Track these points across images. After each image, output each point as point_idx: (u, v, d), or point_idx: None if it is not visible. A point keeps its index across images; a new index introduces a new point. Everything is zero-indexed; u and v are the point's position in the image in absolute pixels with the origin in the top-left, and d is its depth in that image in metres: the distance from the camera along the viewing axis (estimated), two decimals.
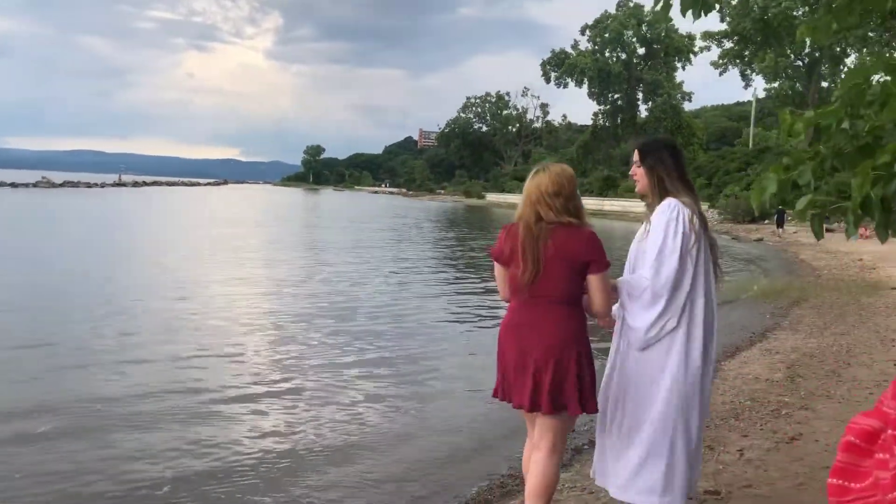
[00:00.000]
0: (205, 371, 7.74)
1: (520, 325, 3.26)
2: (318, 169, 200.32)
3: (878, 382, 6.69)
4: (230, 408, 6.54)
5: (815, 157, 2.26)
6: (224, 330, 9.89)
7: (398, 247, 25.41)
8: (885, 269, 17.78)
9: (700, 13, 3.10)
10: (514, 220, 3.30)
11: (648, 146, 3.45)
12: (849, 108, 2.25)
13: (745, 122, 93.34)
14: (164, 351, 8.49)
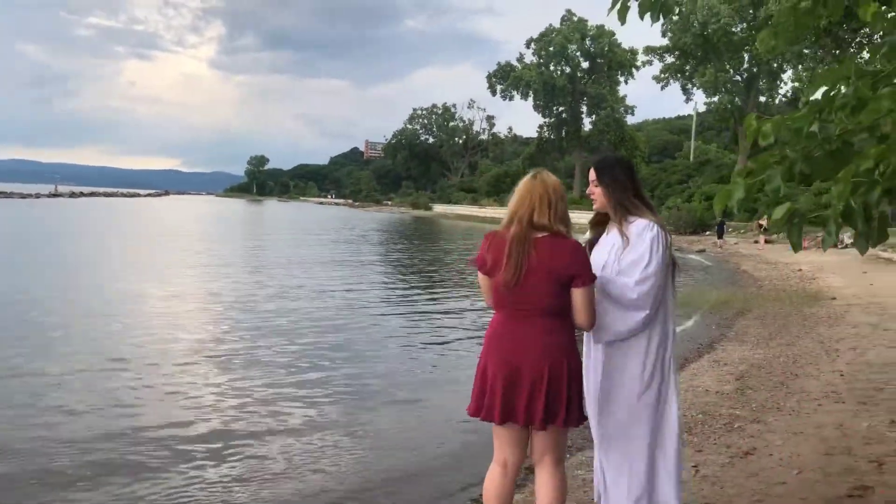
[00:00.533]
0: (137, 403, 7.07)
1: (507, 339, 3.16)
2: (261, 180, 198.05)
3: (825, 394, 6.70)
4: (171, 440, 6.20)
5: (781, 161, 2.16)
6: (160, 352, 9.39)
7: (345, 259, 25.04)
8: (824, 280, 18.16)
9: (658, 16, 3.00)
10: (502, 227, 3.20)
11: (603, 165, 3.49)
12: (817, 112, 2.16)
13: (686, 136, 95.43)
14: (90, 373, 8.07)
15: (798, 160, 2.11)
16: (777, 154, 2.19)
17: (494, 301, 3.22)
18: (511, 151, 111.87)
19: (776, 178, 2.12)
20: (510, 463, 3.27)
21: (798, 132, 2.07)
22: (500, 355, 3.15)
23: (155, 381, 7.83)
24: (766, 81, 53.56)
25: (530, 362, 3.09)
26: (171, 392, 7.39)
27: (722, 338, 10.54)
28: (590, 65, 76.68)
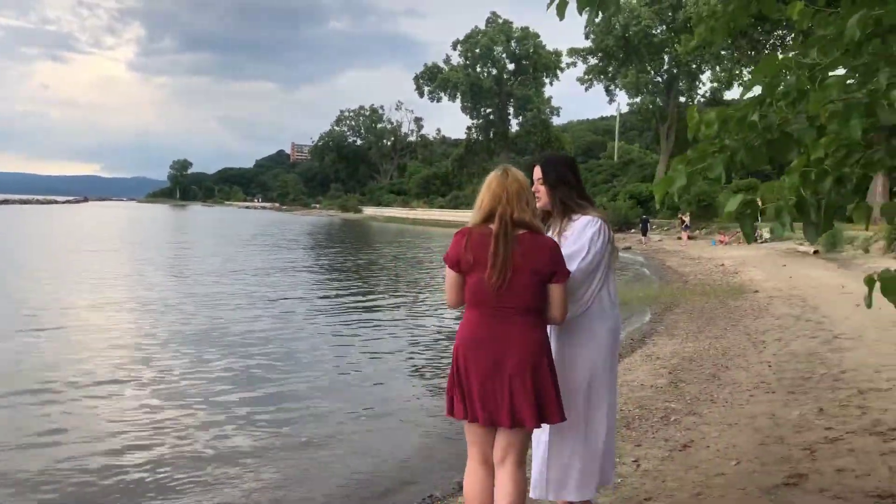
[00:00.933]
0: (62, 429, 6.65)
1: (487, 339, 3.09)
2: (185, 184, 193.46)
3: (756, 384, 6.86)
4: (101, 471, 5.91)
5: (722, 150, 2.17)
6: (84, 372, 8.95)
7: (274, 266, 24.57)
8: (746, 273, 18.76)
9: (597, 13, 2.99)
10: (475, 223, 3.15)
11: (549, 163, 3.61)
12: (758, 103, 2.17)
13: (610, 136, 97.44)
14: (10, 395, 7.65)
15: (739, 149, 2.12)
16: (717, 143, 2.19)
17: (471, 300, 3.14)
18: (440, 153, 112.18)
19: (718, 167, 2.13)
20: (490, 461, 3.22)
21: (741, 121, 2.08)
22: (481, 354, 3.08)
23: (79, 403, 7.39)
24: (685, 82, 55.09)
25: (514, 361, 3.05)
26: (97, 417, 7.00)
27: (653, 332, 10.74)
28: (515, 66, 77.55)
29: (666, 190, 2.09)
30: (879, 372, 6.95)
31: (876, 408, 5.70)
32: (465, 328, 3.17)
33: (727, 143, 2.11)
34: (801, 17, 2.98)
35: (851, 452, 4.67)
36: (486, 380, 3.06)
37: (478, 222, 3.14)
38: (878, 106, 1.79)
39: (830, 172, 1.74)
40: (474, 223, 3.16)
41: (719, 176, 2.05)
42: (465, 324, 3.18)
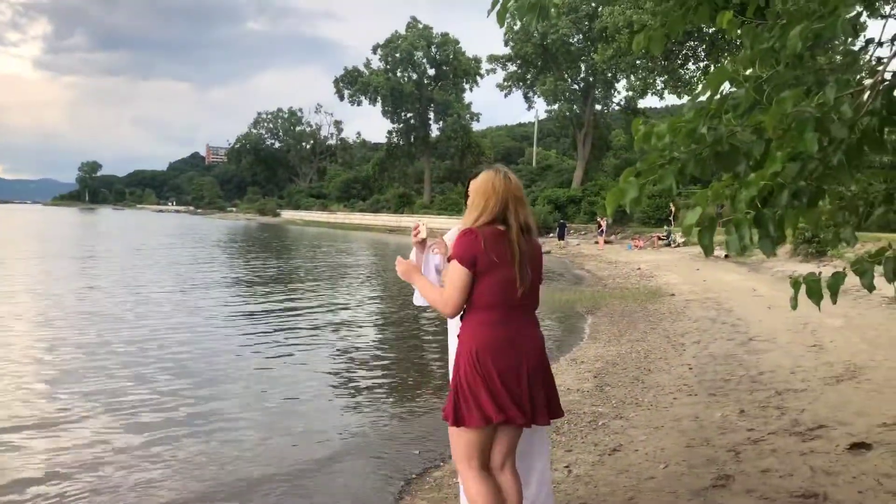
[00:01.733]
0: None
1: (512, 339, 3.10)
2: (94, 187, 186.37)
3: (678, 387, 7.03)
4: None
5: (671, 162, 2.18)
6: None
7: (185, 271, 23.85)
8: (662, 277, 19.29)
9: (538, 18, 2.98)
10: (481, 224, 3.11)
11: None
12: (706, 115, 2.19)
13: (528, 142, 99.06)
14: None
15: (689, 161, 2.13)
16: (666, 155, 2.20)
17: (492, 301, 3.09)
18: (360, 157, 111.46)
19: (668, 178, 2.13)
20: (488, 467, 3.22)
21: (690, 133, 2.08)
22: (509, 354, 3.07)
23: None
24: (601, 90, 56.34)
25: (533, 360, 3.13)
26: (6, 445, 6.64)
27: (576, 337, 10.90)
28: (436, 72, 77.71)
29: (618, 202, 2.07)
30: (794, 373, 7.21)
31: (793, 408, 5.91)
32: (484, 330, 3.08)
33: (676, 155, 2.12)
34: (730, 27, 3.04)
35: (774, 453, 4.81)
36: (512, 379, 3.06)
37: (486, 223, 3.12)
38: (828, 120, 1.82)
39: (787, 185, 1.76)
40: (479, 224, 3.12)
41: (670, 187, 2.05)
42: (482, 326, 3.09)
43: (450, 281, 3.12)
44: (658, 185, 2.14)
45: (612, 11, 39.64)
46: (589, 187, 50.98)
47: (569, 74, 56.09)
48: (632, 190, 2.03)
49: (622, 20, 38.04)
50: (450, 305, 3.14)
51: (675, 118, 2.14)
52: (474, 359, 3.06)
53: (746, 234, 1.74)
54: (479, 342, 3.07)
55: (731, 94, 2.10)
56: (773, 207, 1.79)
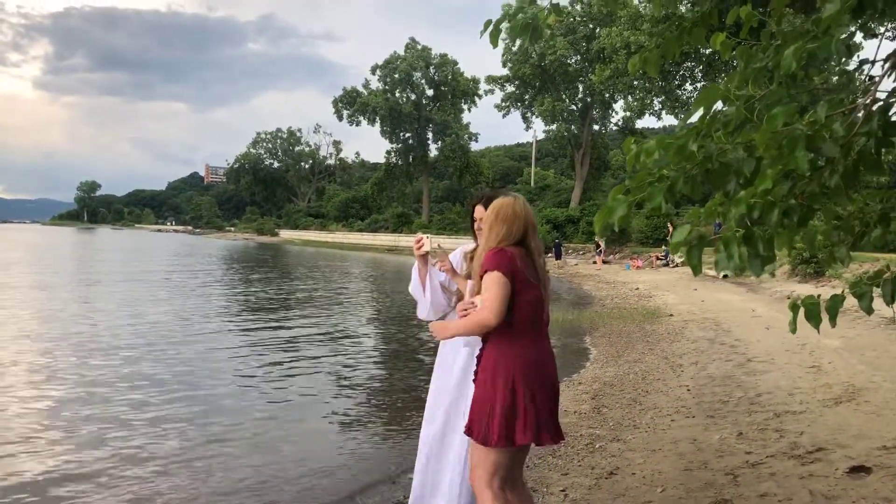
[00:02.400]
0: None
1: (543, 358, 3.27)
2: (93, 207, 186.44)
3: (676, 409, 6.96)
4: None
5: (660, 180, 2.15)
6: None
7: (186, 293, 23.80)
8: (660, 297, 19.23)
9: (531, 40, 2.97)
10: (505, 244, 3.23)
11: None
12: (696, 133, 2.16)
13: (526, 162, 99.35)
14: None
15: (679, 179, 2.10)
16: (656, 173, 2.17)
17: (528, 320, 3.20)
18: (359, 176, 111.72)
19: (657, 196, 2.10)
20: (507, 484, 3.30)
21: (680, 151, 2.06)
22: (542, 376, 3.21)
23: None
24: (599, 111, 56.63)
25: (556, 378, 3.35)
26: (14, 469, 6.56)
27: (573, 358, 10.82)
28: (434, 92, 78.08)
29: (606, 220, 2.04)
30: (792, 395, 7.15)
31: (792, 430, 5.85)
32: (521, 351, 3.18)
33: (665, 172, 2.09)
34: (723, 48, 3.03)
35: (773, 477, 4.74)
36: (547, 398, 3.23)
37: (511, 243, 3.25)
38: (820, 138, 1.80)
39: (778, 204, 1.73)
40: (504, 244, 3.23)
41: (659, 205, 2.02)
42: (519, 346, 3.18)
43: (491, 292, 3.14)
44: (647, 204, 2.11)
45: (610, 33, 39.96)
46: (587, 207, 51.03)
47: (567, 95, 56.38)
48: (620, 208, 2.00)
49: (619, 41, 38.36)
50: (494, 312, 3.12)
51: (665, 136, 2.11)
52: (513, 380, 3.13)
53: (735, 252, 1.70)
54: (519, 364, 3.16)
55: (722, 113, 2.08)
56: (764, 226, 1.75)
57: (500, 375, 3.14)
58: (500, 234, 3.24)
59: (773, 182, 1.70)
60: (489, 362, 3.19)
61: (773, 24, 3.23)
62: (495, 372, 3.16)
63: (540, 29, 2.97)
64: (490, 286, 3.13)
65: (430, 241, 3.78)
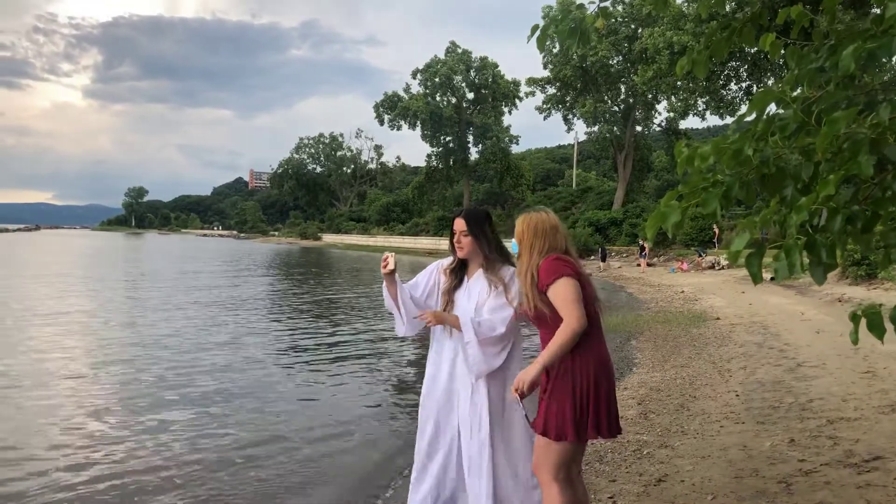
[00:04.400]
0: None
1: (609, 356, 3.43)
2: (141, 212, 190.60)
3: (725, 415, 6.83)
4: None
5: (715, 185, 2.11)
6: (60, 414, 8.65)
7: (231, 298, 24.14)
8: (706, 300, 18.94)
9: (579, 44, 2.94)
10: (560, 251, 3.41)
11: (475, 217, 3.89)
12: (751, 137, 2.12)
13: (567, 164, 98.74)
14: None
15: (734, 184, 2.05)
16: (709, 178, 2.13)
17: (594, 318, 3.35)
18: (400, 180, 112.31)
19: (712, 202, 2.06)
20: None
21: (735, 155, 2.01)
22: (610, 369, 3.38)
23: (53, 448, 7.12)
24: (641, 112, 56.02)
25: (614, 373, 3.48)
26: (73, 460, 6.74)
27: (619, 361, 10.70)
28: (475, 95, 78.06)
29: (659, 225, 2.01)
30: (846, 401, 6.97)
31: (846, 438, 5.70)
32: (595, 349, 3.34)
33: (720, 177, 2.05)
34: (773, 49, 2.97)
35: (828, 486, 4.63)
36: (613, 392, 3.39)
37: (562, 252, 3.42)
38: (883, 141, 1.74)
39: (841, 211, 1.68)
40: (556, 251, 3.40)
41: (714, 211, 1.99)
42: (593, 345, 3.32)
43: (568, 298, 3.24)
44: (702, 209, 2.07)
45: (653, 33, 39.47)
46: (630, 209, 50.51)
47: (608, 96, 55.93)
48: (674, 214, 1.97)
49: (662, 41, 37.88)
50: (578, 318, 3.23)
51: (719, 139, 2.07)
52: (593, 378, 3.26)
53: (797, 260, 1.66)
54: (595, 362, 3.30)
55: (778, 116, 2.03)
56: (826, 233, 1.71)
57: (579, 373, 3.26)
58: (542, 248, 3.39)
59: (835, 187, 1.66)
60: (566, 361, 3.27)
61: (826, 23, 3.16)
62: (574, 370, 3.27)
63: (587, 33, 2.94)
64: (563, 293, 3.24)
65: (394, 259, 3.85)
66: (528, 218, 3.47)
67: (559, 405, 3.26)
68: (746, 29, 2.97)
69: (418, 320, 3.93)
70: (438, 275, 4.05)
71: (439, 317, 3.82)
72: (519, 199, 76.20)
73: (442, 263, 4.08)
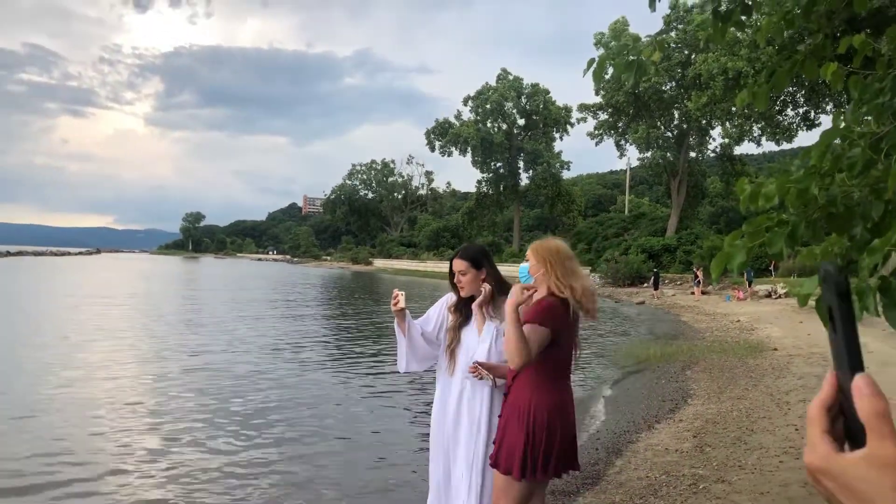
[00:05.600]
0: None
1: (570, 403, 3.49)
2: (197, 236, 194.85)
3: (784, 449, 6.65)
4: None
5: (780, 224, 2.08)
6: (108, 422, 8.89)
7: (287, 321, 24.46)
8: (763, 330, 18.50)
9: (634, 76, 2.95)
10: (563, 297, 3.36)
11: (478, 254, 3.97)
12: (818, 175, 2.09)
13: (619, 190, 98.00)
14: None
15: (800, 224, 2.03)
16: (774, 217, 2.11)
17: (560, 363, 3.44)
18: (450, 206, 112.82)
19: (778, 242, 2.04)
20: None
21: (802, 194, 1.99)
22: (567, 413, 3.45)
23: (108, 456, 7.30)
24: (695, 137, 55.39)
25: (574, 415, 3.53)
26: (121, 467, 6.90)
27: (674, 392, 10.51)
28: (526, 121, 78.29)
29: (724, 267, 2.00)
30: None
31: None
32: (555, 394, 3.41)
33: (785, 217, 2.02)
34: (835, 79, 2.94)
35: None
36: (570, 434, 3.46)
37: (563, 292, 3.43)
38: None
39: None
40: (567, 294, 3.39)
41: (780, 251, 1.96)
42: (553, 390, 3.41)
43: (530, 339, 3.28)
44: (767, 249, 2.05)
45: (706, 59, 39.08)
46: (684, 236, 49.77)
47: (661, 122, 55.49)
48: (739, 255, 1.95)
49: (716, 67, 37.47)
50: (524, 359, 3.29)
51: (783, 178, 2.05)
52: (548, 421, 3.36)
53: (871, 303, 1.63)
54: (555, 405, 3.41)
55: (845, 153, 2.00)
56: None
57: (535, 418, 3.33)
58: (572, 276, 3.43)
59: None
60: (524, 402, 3.35)
61: (890, 51, 3.11)
62: (530, 414, 3.33)
63: (645, 66, 2.95)
64: (529, 336, 3.27)
65: (403, 298, 3.91)
66: (561, 242, 3.58)
67: (511, 444, 3.35)
68: (808, 61, 2.94)
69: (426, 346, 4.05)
70: (445, 310, 4.09)
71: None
72: (570, 225, 75.81)
73: (449, 299, 4.11)
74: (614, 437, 7.91)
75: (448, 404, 3.89)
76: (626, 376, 12.64)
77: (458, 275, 3.90)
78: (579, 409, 9.51)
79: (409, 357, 4.02)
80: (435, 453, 3.95)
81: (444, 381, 3.97)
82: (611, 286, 44.10)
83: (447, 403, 3.90)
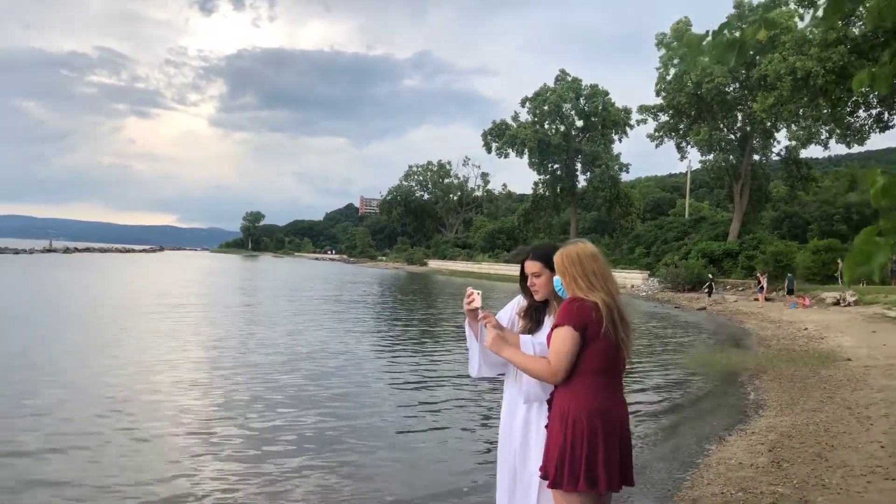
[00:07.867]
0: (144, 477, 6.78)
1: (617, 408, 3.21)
2: (257, 235, 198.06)
3: (871, 468, 6.23)
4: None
5: None
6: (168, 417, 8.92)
7: (348, 316, 24.52)
8: (833, 339, 17.75)
9: (737, 59, 2.68)
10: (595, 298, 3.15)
11: (547, 254, 3.51)
12: None
13: (678, 193, 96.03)
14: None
15: None
16: None
17: (603, 370, 3.15)
18: (505, 208, 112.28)
19: None
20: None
21: None
22: (613, 421, 3.15)
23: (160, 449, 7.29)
24: (759, 140, 53.80)
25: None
26: (177, 461, 6.86)
27: (744, 403, 10.08)
28: (584, 123, 77.22)
29: (860, 266, 1.73)
30: None
31: None
32: (598, 398, 3.16)
33: None
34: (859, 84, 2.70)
35: None
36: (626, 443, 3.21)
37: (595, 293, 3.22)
38: None
39: None
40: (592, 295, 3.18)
41: None
42: (596, 394, 3.16)
43: (557, 347, 3.15)
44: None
45: (773, 59, 37.87)
46: (747, 241, 48.41)
47: (724, 124, 54.05)
48: (880, 253, 1.69)
49: (783, 67, 36.26)
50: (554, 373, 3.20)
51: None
52: (588, 425, 3.11)
53: None
54: (595, 409, 3.16)
55: None
56: None
57: (572, 419, 3.10)
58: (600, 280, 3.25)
59: None
60: (562, 401, 3.15)
61: None
62: (566, 414, 3.12)
63: (747, 46, 2.66)
64: (557, 342, 3.14)
65: (479, 297, 3.58)
66: (590, 248, 3.33)
67: (549, 450, 3.16)
68: None
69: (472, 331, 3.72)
70: (514, 314, 3.74)
71: (497, 341, 3.37)
72: (628, 228, 74.62)
73: (519, 302, 3.75)
74: (682, 449, 7.57)
75: (515, 417, 3.57)
76: (691, 384, 12.21)
77: (532, 277, 3.57)
78: (643, 418, 9.21)
79: (481, 361, 3.71)
80: (501, 471, 3.61)
81: (511, 392, 3.64)
82: (670, 291, 43.20)
83: (514, 416, 3.58)
